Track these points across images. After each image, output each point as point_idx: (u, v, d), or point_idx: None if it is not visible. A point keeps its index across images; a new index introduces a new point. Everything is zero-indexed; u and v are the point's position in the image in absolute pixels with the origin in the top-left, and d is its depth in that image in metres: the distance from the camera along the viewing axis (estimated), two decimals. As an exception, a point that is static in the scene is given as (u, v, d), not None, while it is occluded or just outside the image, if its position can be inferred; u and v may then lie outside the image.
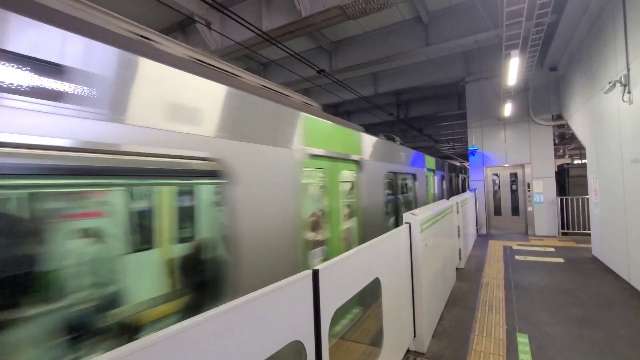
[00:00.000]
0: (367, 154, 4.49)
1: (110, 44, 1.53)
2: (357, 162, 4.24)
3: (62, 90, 1.33)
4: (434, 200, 9.09)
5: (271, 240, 2.41)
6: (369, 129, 5.51)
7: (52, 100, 1.30)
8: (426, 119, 15.71)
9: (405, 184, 7.12)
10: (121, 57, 1.57)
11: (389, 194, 5.70)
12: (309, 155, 2.98)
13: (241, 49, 7.35)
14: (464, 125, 11.38)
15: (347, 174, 4.19)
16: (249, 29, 5.56)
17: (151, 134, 1.66)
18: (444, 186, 11.87)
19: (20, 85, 1.22)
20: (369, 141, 4.64)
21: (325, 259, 1.47)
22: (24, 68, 1.23)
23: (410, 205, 6.99)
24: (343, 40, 9.06)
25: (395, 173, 5.85)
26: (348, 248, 1.91)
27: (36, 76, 1.26)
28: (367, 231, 4.22)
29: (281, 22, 6.52)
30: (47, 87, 1.29)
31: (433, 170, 9.40)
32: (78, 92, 1.38)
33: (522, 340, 3.38)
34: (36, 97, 1.25)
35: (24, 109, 1.23)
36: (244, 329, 1.21)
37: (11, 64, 1.20)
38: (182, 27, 8.05)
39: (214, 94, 2.08)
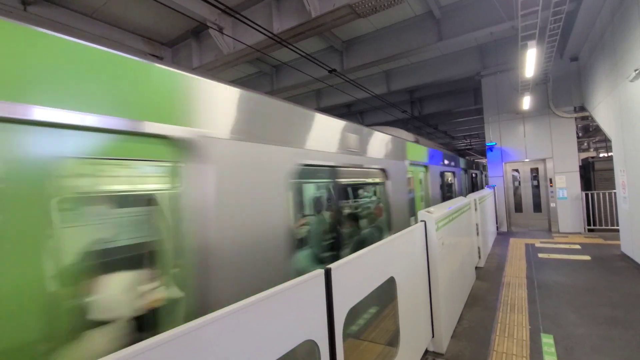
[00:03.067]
0: (217, 121, 2.11)
1: None
2: (172, 142, 1.87)
3: None
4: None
5: None
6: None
7: None
8: (441, 115, 15.40)
9: (362, 188, 4.88)
10: None
11: (305, 209, 3.59)
12: None
13: (253, 52, 7.44)
14: (481, 121, 11.08)
15: (128, 173, 1.93)
16: (260, 31, 5.63)
17: None
18: (447, 187, 9.17)
19: None
20: (220, 93, 2.17)
21: None
22: None
23: (372, 226, 4.56)
24: (354, 39, 9.01)
25: (330, 168, 3.41)
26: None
27: None
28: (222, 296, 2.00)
29: (292, 24, 6.56)
30: None
31: (425, 166, 6.78)
32: None
33: (547, 341, 3.25)
34: None
35: None
36: (256, 327, 1.22)
37: None
38: (195, 33, 8.24)
39: None
